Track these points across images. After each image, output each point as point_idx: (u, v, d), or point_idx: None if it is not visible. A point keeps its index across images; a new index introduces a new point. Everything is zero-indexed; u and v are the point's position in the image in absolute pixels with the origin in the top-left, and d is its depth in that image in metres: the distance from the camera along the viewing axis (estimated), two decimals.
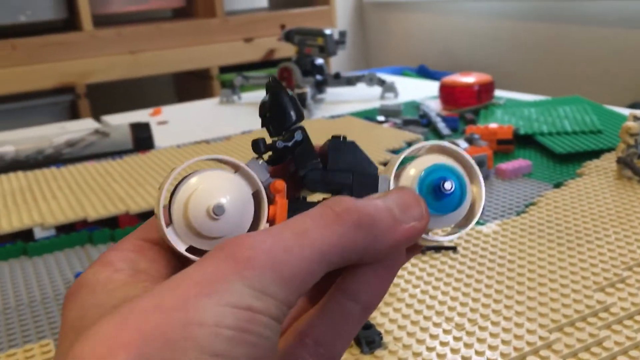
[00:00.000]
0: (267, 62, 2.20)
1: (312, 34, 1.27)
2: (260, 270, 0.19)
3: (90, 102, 2.01)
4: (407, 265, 0.51)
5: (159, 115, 1.26)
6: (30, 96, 1.93)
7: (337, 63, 2.64)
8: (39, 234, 0.66)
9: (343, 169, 0.25)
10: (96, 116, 1.35)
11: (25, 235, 0.66)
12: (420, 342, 0.40)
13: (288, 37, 1.30)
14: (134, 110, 1.33)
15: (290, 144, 0.25)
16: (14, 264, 0.61)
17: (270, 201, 0.24)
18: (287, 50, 2.10)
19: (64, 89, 1.96)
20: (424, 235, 0.24)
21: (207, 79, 2.19)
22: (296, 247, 0.20)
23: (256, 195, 0.24)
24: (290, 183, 0.25)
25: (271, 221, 0.24)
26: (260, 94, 1.38)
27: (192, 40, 2.09)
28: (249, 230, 0.24)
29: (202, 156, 0.24)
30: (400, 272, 0.50)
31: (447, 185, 0.24)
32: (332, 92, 1.31)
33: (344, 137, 0.26)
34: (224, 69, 2.19)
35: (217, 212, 0.23)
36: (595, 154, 0.77)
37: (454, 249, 0.53)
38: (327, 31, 1.25)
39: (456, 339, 0.40)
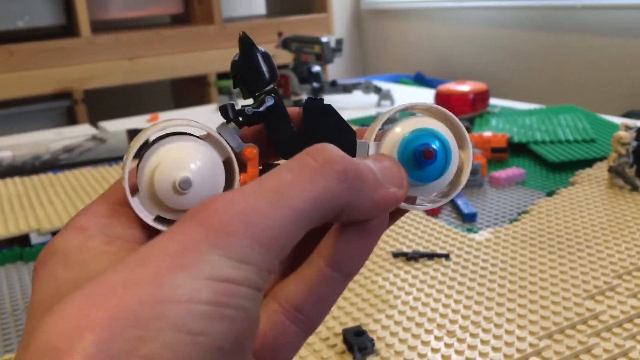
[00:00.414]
0: None
1: (309, 41, 1.28)
2: (236, 237, 0.18)
3: (88, 107, 2.01)
4: (400, 272, 0.51)
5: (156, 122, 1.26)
6: (27, 101, 1.93)
7: (334, 70, 2.65)
8: (35, 239, 0.66)
9: (318, 134, 0.23)
10: (93, 122, 1.36)
11: (22, 240, 0.66)
12: (411, 348, 0.41)
13: (285, 44, 1.31)
14: (131, 116, 1.33)
15: (261, 109, 0.23)
16: (10, 270, 0.61)
17: (243, 168, 0.23)
18: (284, 57, 2.11)
19: (61, 94, 1.96)
20: (404, 204, 0.23)
21: (204, 86, 2.19)
22: (273, 207, 0.18)
23: (228, 163, 0.23)
24: (265, 148, 0.24)
25: None
26: None
27: (190, 47, 2.10)
28: None
29: (170, 122, 0.22)
30: (392, 279, 0.50)
31: (429, 153, 0.22)
32: (329, 100, 1.31)
33: (321, 99, 0.24)
34: (222, 76, 2.20)
35: (183, 186, 0.21)
36: (588, 162, 0.77)
37: (446, 256, 0.53)
38: (324, 39, 1.26)
39: (447, 345, 0.41)
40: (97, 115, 1.88)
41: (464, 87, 1.09)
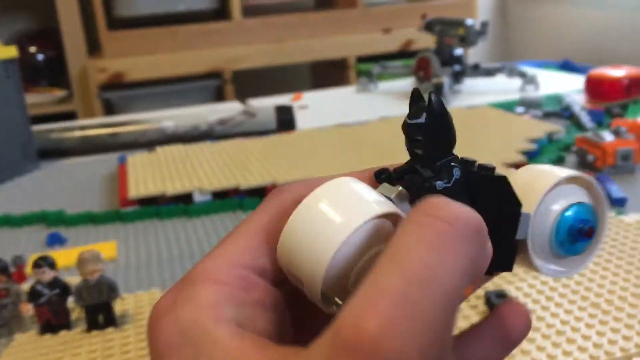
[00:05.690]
0: (403, 53, 2.22)
1: (454, 24, 1.27)
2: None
3: (235, 86, 2.14)
4: None
5: (299, 100, 1.33)
6: (181, 80, 2.09)
7: (474, 54, 2.59)
8: (197, 197, 0.73)
9: (487, 205, 0.21)
10: (240, 100, 1.45)
11: (186, 198, 0.74)
12: (554, 315, 0.41)
13: (429, 27, 1.32)
14: (273, 95, 1.41)
15: (451, 184, 0.21)
16: (176, 223, 0.69)
17: None
18: (424, 41, 2.10)
19: (212, 74, 2.10)
20: (542, 268, 0.23)
21: (343, 68, 2.24)
22: (430, 310, 0.16)
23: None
24: None
25: None
26: (397, 84, 1.40)
27: (333, 30, 2.16)
28: None
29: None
30: None
31: (590, 232, 0.22)
32: (470, 83, 1.30)
33: (493, 167, 0.22)
34: (361, 59, 2.24)
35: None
36: None
37: None
38: (469, 22, 1.25)
39: (591, 315, 0.41)
40: (243, 93, 2.00)
41: (618, 72, 1.04)
